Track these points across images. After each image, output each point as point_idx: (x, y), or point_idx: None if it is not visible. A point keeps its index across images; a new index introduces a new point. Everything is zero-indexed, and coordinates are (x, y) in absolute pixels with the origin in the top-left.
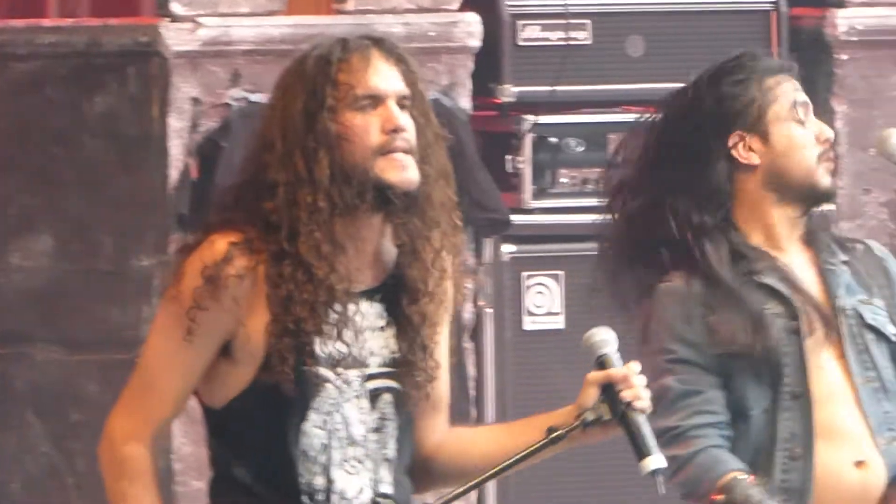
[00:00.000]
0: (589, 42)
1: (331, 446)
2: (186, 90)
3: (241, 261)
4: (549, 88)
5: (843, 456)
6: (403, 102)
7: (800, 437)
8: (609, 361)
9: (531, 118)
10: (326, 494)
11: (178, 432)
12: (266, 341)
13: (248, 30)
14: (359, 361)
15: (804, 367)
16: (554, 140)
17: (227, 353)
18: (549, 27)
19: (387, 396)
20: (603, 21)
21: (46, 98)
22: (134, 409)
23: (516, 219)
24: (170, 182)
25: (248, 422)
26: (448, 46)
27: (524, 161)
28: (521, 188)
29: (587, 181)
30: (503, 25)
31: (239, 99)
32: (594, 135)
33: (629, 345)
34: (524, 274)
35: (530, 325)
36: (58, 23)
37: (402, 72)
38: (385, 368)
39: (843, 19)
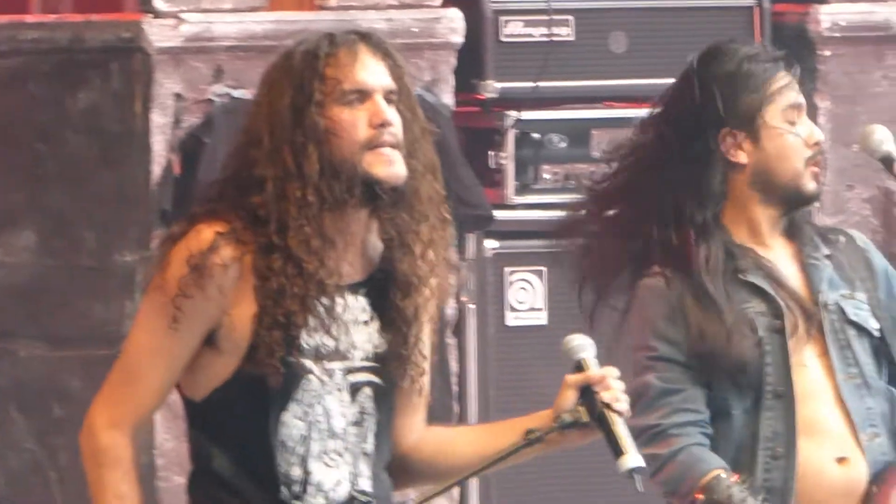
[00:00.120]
0: (571, 38)
1: (310, 438)
2: (169, 86)
3: (227, 250)
4: (532, 84)
5: (825, 453)
6: (390, 97)
7: (782, 436)
8: (587, 365)
9: (514, 114)
10: (303, 486)
11: (160, 428)
12: (252, 332)
13: (230, 26)
14: (342, 354)
15: (787, 366)
16: (537, 136)
17: (211, 343)
18: (532, 23)
19: (367, 390)
20: (585, 17)
21: (29, 94)
22: (115, 398)
23: (499, 215)
24: (152, 178)
25: (230, 412)
26: (431, 42)
27: (507, 157)
28: (503, 184)
29: (570, 177)
30: (486, 21)
31: (221, 95)
32: (577, 131)
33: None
34: (507, 270)
35: (513, 320)
36: (40, 19)
37: (389, 66)
38: (367, 363)
39: (826, 15)
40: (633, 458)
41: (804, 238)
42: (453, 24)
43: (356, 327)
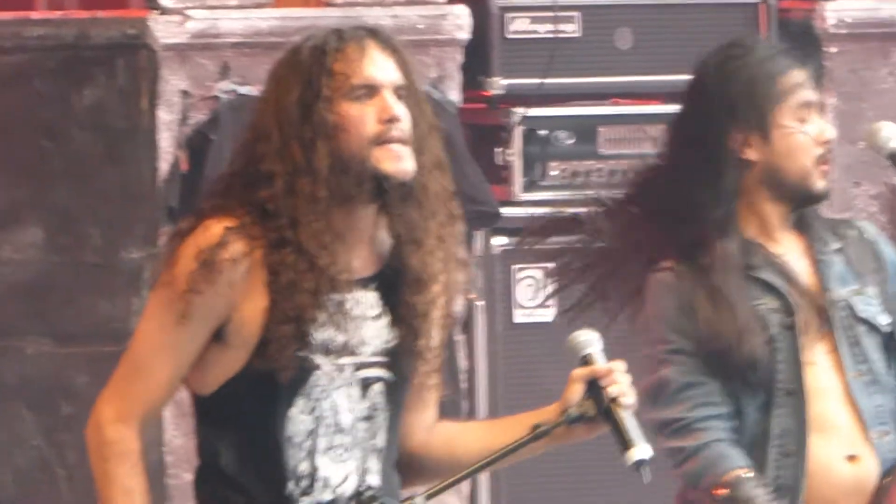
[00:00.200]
0: (578, 35)
1: (317, 433)
2: (175, 83)
3: (237, 245)
4: (538, 81)
5: (834, 450)
6: (399, 93)
7: (793, 434)
8: (593, 359)
9: (520, 111)
10: (311, 481)
11: (169, 425)
12: (262, 327)
13: (236, 22)
14: (351, 349)
15: (798, 364)
16: (543, 132)
17: (219, 339)
18: (538, 20)
19: (377, 386)
20: (592, 13)
21: (35, 91)
22: (122, 393)
23: (506, 211)
24: (159, 175)
25: (237, 407)
26: (437, 39)
27: (514, 154)
28: (510, 181)
29: (577, 174)
30: (492, 18)
31: (228, 91)
32: (584, 127)
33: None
34: (514, 267)
35: (521, 317)
36: (46, 15)
37: (397, 62)
38: (377, 358)
39: (832, 12)
40: (640, 450)
41: (814, 233)
42: (459, 21)
43: (366, 322)
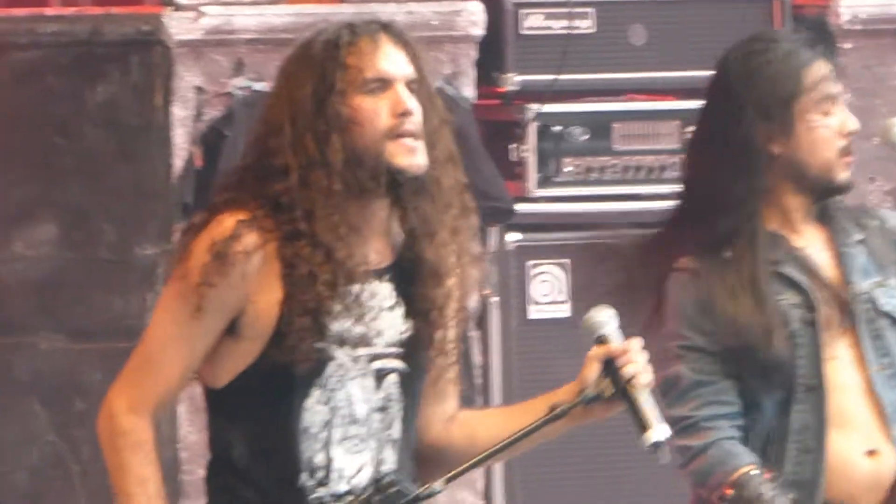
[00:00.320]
0: (592, 31)
1: (332, 424)
2: (189, 79)
3: (250, 237)
4: (553, 77)
5: (854, 446)
6: (411, 86)
7: (812, 429)
8: (609, 339)
9: (535, 107)
10: (326, 472)
11: (184, 421)
12: (278, 319)
13: (250, 18)
14: (366, 340)
15: (819, 360)
16: (558, 129)
17: (233, 331)
18: (552, 16)
19: (392, 377)
20: (606, 10)
21: (48, 87)
22: (134, 383)
23: (521, 207)
24: (173, 171)
25: (251, 399)
26: (451, 35)
27: (528, 150)
28: (525, 177)
29: (591, 169)
30: (506, 14)
31: (242, 88)
32: (598, 123)
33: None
34: (529, 263)
35: (535, 313)
36: (60, 12)
37: (409, 56)
38: (392, 349)
39: (846, 8)
40: (658, 431)
41: (836, 224)
42: (474, 17)
43: (381, 313)
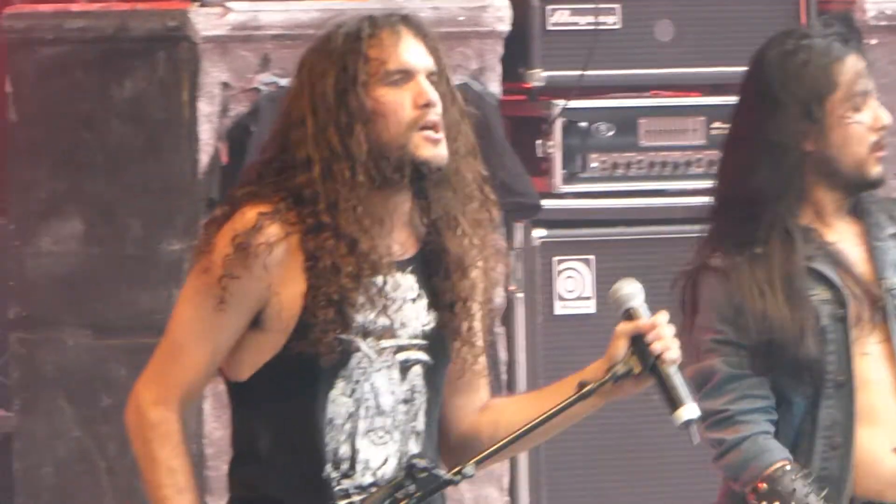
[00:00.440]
0: (618, 26)
1: (357, 415)
2: (216, 75)
3: (272, 229)
4: (579, 73)
5: (881, 442)
6: (432, 78)
7: (840, 425)
8: (637, 313)
9: (561, 103)
10: (351, 463)
11: (209, 417)
12: (301, 311)
13: (277, 14)
14: (391, 332)
15: (848, 356)
16: (584, 124)
17: (257, 324)
18: (579, 12)
19: (417, 369)
20: (632, 5)
21: (75, 83)
22: (160, 376)
23: (546, 203)
24: (199, 167)
25: (276, 391)
26: (477, 31)
27: (554, 146)
28: (551, 173)
29: (617, 165)
30: (532, 10)
31: (268, 83)
32: (624, 119)
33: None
34: (555, 259)
35: (561, 309)
36: (86, 7)
37: (428, 48)
38: (416, 340)
39: (873, 4)
40: (688, 409)
41: (870, 219)
42: (500, 13)
43: (406, 305)
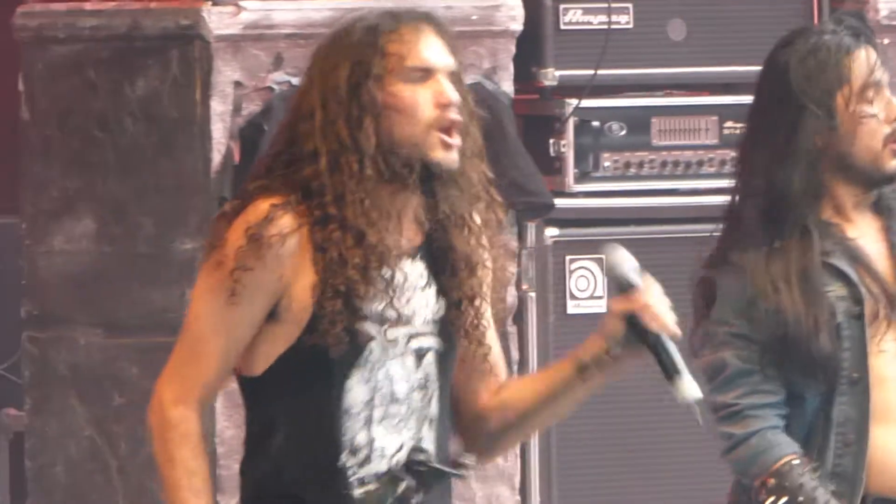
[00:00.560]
0: (630, 26)
1: (373, 404)
2: (228, 74)
3: (285, 220)
4: (591, 72)
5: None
6: (451, 78)
7: (854, 422)
8: (631, 284)
9: (573, 102)
10: (368, 451)
11: (220, 416)
12: (312, 303)
13: (290, 13)
14: (405, 319)
15: (864, 353)
16: (596, 124)
17: (272, 316)
18: (591, 11)
19: (430, 356)
20: (644, 5)
21: (88, 81)
22: (180, 375)
23: (559, 202)
24: (212, 165)
25: (291, 383)
26: (490, 30)
27: (567, 145)
28: (563, 172)
29: (630, 165)
30: (545, 9)
31: (281, 83)
32: (636, 118)
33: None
34: (567, 258)
35: (574, 308)
36: (99, 6)
37: (449, 47)
38: (429, 327)
39: (885, 3)
40: (688, 384)
41: (892, 214)
42: (513, 12)
43: (416, 293)
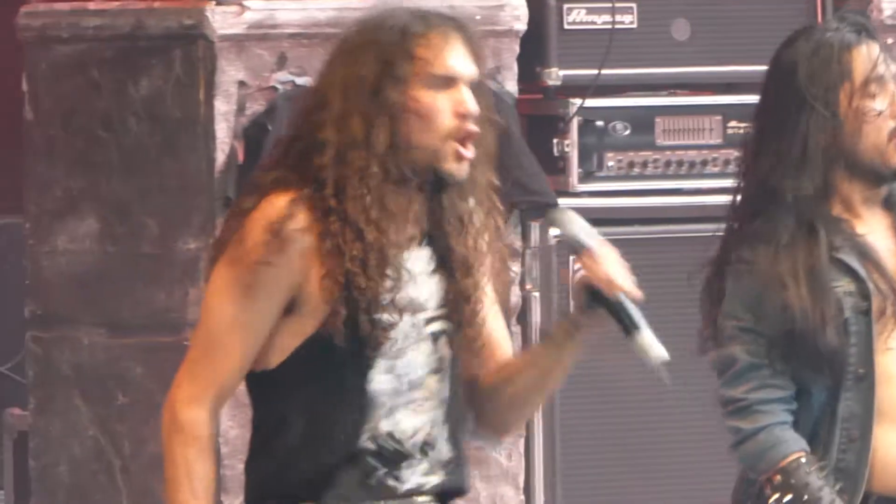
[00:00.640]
0: (634, 25)
1: (396, 390)
2: (232, 73)
3: (303, 215)
4: (595, 72)
5: None
6: (472, 86)
7: (859, 419)
8: (582, 246)
9: (577, 101)
10: (388, 437)
11: (225, 416)
12: (329, 295)
13: (294, 13)
14: (420, 305)
15: (870, 349)
16: (600, 123)
17: (289, 310)
18: (595, 10)
19: (444, 338)
20: (648, 4)
21: (91, 81)
22: (195, 374)
23: (563, 202)
24: (216, 165)
25: (310, 375)
26: (494, 30)
27: (570, 144)
28: (567, 171)
29: (634, 164)
30: (549, 9)
31: (285, 82)
32: (640, 118)
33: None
34: (571, 257)
35: None
36: (103, 6)
37: (474, 56)
38: (440, 310)
39: (889, 3)
40: (650, 344)
41: None
42: (517, 12)
43: (424, 278)
